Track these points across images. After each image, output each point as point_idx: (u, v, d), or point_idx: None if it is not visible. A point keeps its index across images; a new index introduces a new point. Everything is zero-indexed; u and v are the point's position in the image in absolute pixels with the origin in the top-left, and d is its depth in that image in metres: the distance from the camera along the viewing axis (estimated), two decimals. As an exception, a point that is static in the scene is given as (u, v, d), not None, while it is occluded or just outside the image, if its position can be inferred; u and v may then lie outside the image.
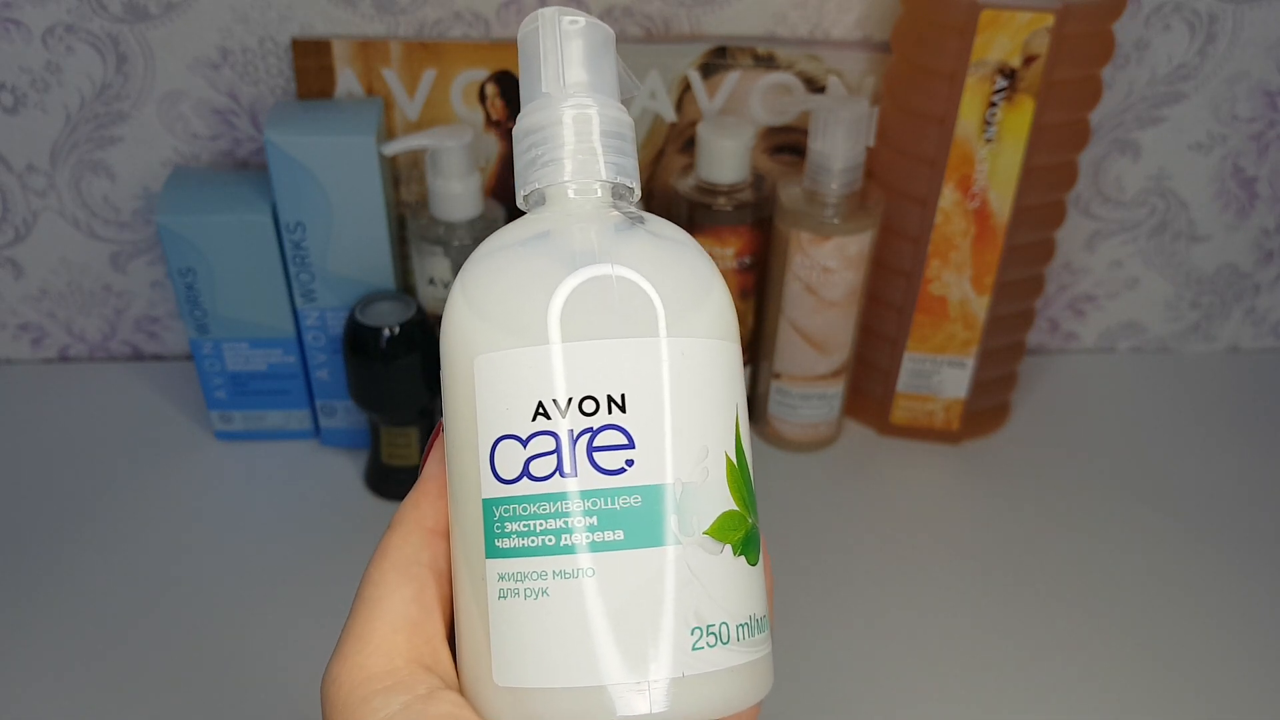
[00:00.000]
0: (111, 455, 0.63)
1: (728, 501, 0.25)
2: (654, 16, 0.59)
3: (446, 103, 0.59)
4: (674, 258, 0.26)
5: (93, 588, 0.55)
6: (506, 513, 0.25)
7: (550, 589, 0.24)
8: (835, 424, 0.64)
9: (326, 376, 0.61)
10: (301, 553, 0.57)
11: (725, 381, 0.26)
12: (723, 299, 0.27)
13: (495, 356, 0.25)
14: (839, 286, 0.58)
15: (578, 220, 0.26)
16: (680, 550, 0.24)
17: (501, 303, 0.25)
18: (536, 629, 0.24)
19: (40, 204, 0.63)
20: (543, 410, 0.24)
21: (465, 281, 0.26)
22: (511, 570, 0.25)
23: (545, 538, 0.24)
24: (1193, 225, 0.68)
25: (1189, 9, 0.60)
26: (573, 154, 0.26)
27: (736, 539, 0.25)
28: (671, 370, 0.25)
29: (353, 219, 0.56)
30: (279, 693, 0.50)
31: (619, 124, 0.27)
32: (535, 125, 0.27)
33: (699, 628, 0.24)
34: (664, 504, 0.24)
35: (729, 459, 0.25)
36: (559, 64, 0.27)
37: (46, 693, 0.50)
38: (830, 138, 0.54)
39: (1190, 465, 0.65)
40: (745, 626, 0.25)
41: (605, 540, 0.24)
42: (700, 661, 0.24)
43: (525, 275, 0.25)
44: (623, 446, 0.24)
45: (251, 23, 0.58)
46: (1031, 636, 0.54)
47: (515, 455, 0.25)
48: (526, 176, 0.27)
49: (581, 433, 0.24)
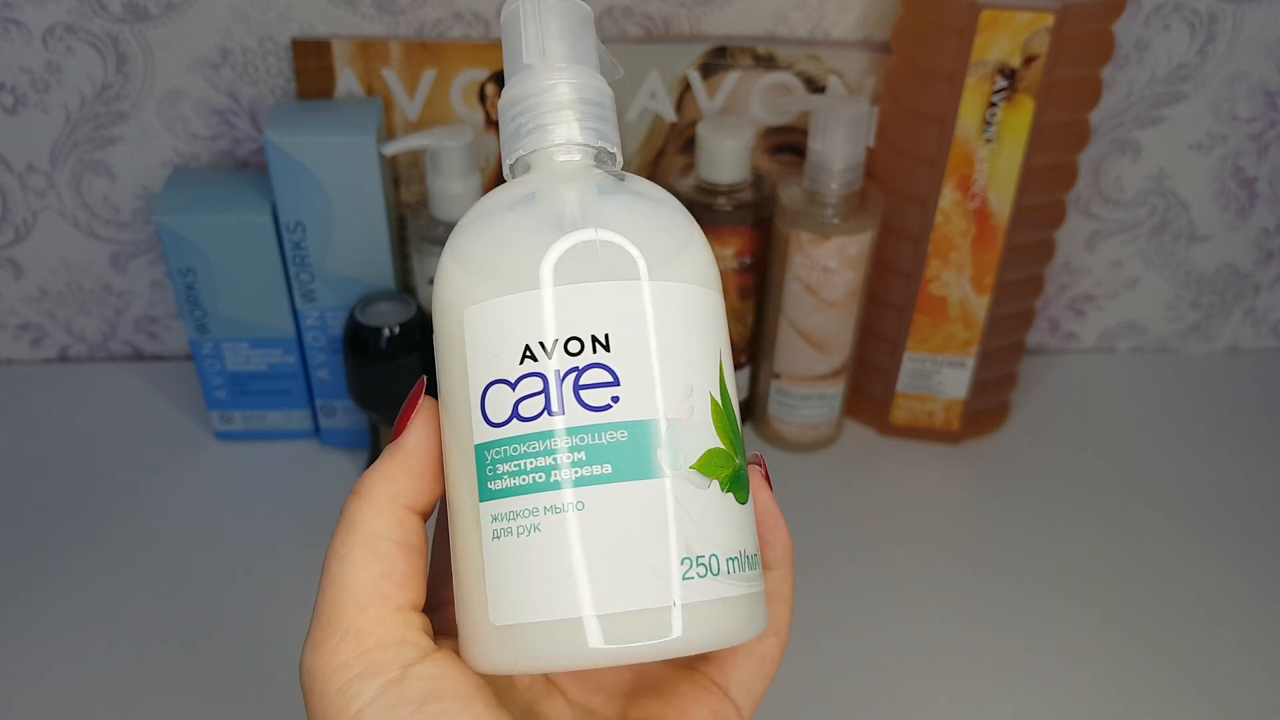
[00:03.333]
0: (111, 455, 0.63)
1: (713, 439, 0.26)
2: (654, 16, 0.59)
3: (446, 103, 0.59)
4: (654, 213, 0.27)
5: (93, 588, 0.55)
6: (498, 455, 0.25)
7: (541, 524, 0.24)
8: (835, 424, 0.64)
9: (326, 376, 0.61)
10: (301, 553, 0.57)
11: (707, 325, 0.27)
12: (702, 249, 0.28)
13: (483, 306, 0.26)
14: (839, 286, 0.58)
15: (563, 181, 0.27)
16: (668, 483, 0.25)
17: (489, 257, 0.26)
18: (529, 565, 0.25)
19: (40, 204, 0.63)
20: (529, 353, 0.25)
21: (454, 244, 0.27)
22: (504, 510, 0.25)
23: (535, 475, 0.25)
24: (1193, 225, 0.68)
25: (1189, 9, 0.60)
26: (556, 120, 0.27)
27: (723, 475, 0.26)
28: (653, 311, 0.25)
29: (353, 219, 0.56)
30: (279, 692, 0.50)
31: (599, 93, 0.28)
32: (518, 96, 0.28)
33: (689, 558, 0.25)
34: (650, 438, 0.25)
35: (713, 399, 0.26)
36: (539, 38, 0.28)
37: (46, 692, 0.50)
38: (830, 138, 0.54)
39: (1190, 465, 0.65)
40: (735, 561, 0.26)
41: (593, 474, 0.24)
42: (693, 591, 0.25)
43: (513, 233, 0.26)
44: (608, 384, 0.25)
45: (251, 23, 0.58)
46: (1031, 636, 0.54)
47: (504, 399, 0.25)
48: (512, 145, 0.28)
49: (568, 372, 0.25)
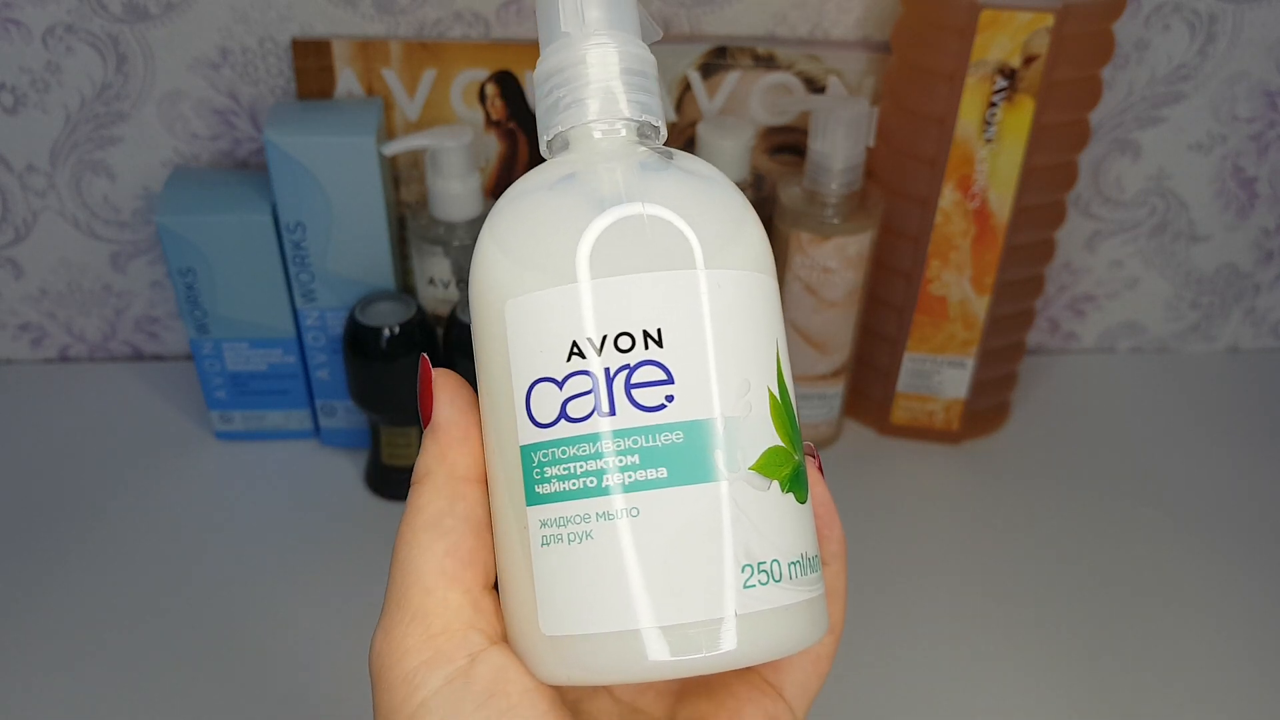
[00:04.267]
0: (111, 455, 0.63)
1: (773, 437, 0.24)
2: (654, 16, 0.59)
3: (446, 103, 0.59)
4: (705, 193, 0.26)
5: (93, 588, 0.55)
6: (545, 457, 0.24)
7: (594, 531, 0.23)
8: (835, 424, 0.64)
9: (326, 376, 0.61)
10: (302, 553, 0.57)
11: (764, 315, 0.25)
12: (756, 232, 0.26)
13: (526, 299, 0.24)
14: (839, 286, 0.58)
15: (604, 159, 0.25)
16: (726, 486, 0.23)
17: (530, 244, 0.25)
18: (582, 574, 0.23)
19: (40, 204, 0.63)
20: (577, 350, 0.24)
21: (494, 225, 0.26)
22: (553, 516, 0.24)
23: (586, 480, 0.23)
24: (1193, 225, 0.68)
25: (1189, 9, 0.60)
26: (596, 93, 0.26)
27: (784, 475, 0.24)
28: (708, 303, 0.24)
29: (353, 219, 0.56)
30: (279, 691, 0.50)
31: (642, 61, 0.26)
32: (556, 67, 0.26)
33: (750, 565, 0.23)
34: (707, 439, 0.23)
35: (771, 394, 0.24)
36: (576, 4, 0.26)
37: (46, 692, 0.50)
38: (830, 138, 0.54)
39: (1190, 465, 0.65)
40: (797, 565, 0.24)
41: (648, 479, 0.23)
42: (754, 600, 0.23)
43: (554, 216, 0.25)
44: (662, 382, 0.23)
45: (251, 23, 0.58)
46: (1031, 636, 0.54)
47: (551, 398, 0.24)
48: (549, 121, 0.26)
49: (619, 370, 0.23)
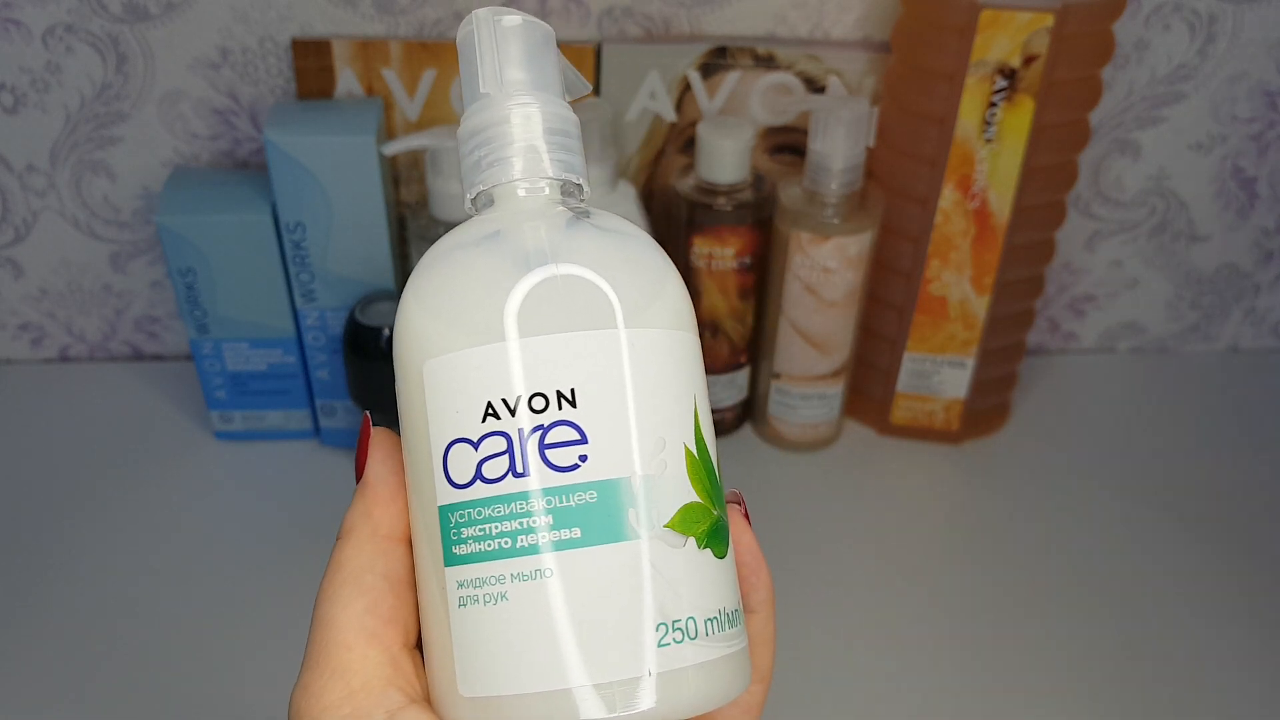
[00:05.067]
0: (111, 455, 0.63)
1: (689, 494, 0.25)
2: (654, 16, 0.59)
3: (446, 103, 0.59)
4: (625, 251, 0.26)
5: (92, 588, 0.55)
6: (462, 518, 0.24)
7: (509, 593, 0.23)
8: (835, 424, 0.64)
9: (326, 376, 0.61)
10: (302, 553, 0.57)
11: (681, 372, 0.25)
12: (676, 289, 0.26)
13: (444, 360, 0.24)
14: (839, 286, 0.58)
15: (527, 218, 0.26)
16: (641, 545, 0.24)
17: (450, 303, 0.25)
18: (497, 635, 0.24)
19: (40, 204, 0.63)
20: (492, 410, 0.24)
21: (416, 282, 0.26)
22: (470, 577, 0.24)
23: (501, 540, 0.24)
24: (1193, 225, 0.68)
25: (1189, 9, 0.60)
26: (518, 152, 0.26)
27: (700, 531, 0.25)
28: (624, 363, 0.24)
29: (353, 219, 0.56)
30: (279, 693, 0.50)
31: (563, 120, 0.27)
32: (478, 126, 0.26)
33: (664, 623, 0.24)
34: (621, 498, 0.24)
35: (688, 450, 0.25)
36: (496, 64, 0.26)
37: (45, 692, 0.50)
38: (830, 138, 0.54)
39: (1190, 465, 0.64)
40: (714, 621, 0.24)
41: (562, 539, 0.23)
42: (668, 659, 0.24)
43: (475, 276, 0.25)
44: (575, 442, 0.24)
45: (251, 23, 0.58)
46: (1031, 636, 0.54)
47: (468, 459, 0.24)
48: (473, 179, 0.27)
49: (533, 430, 0.24)
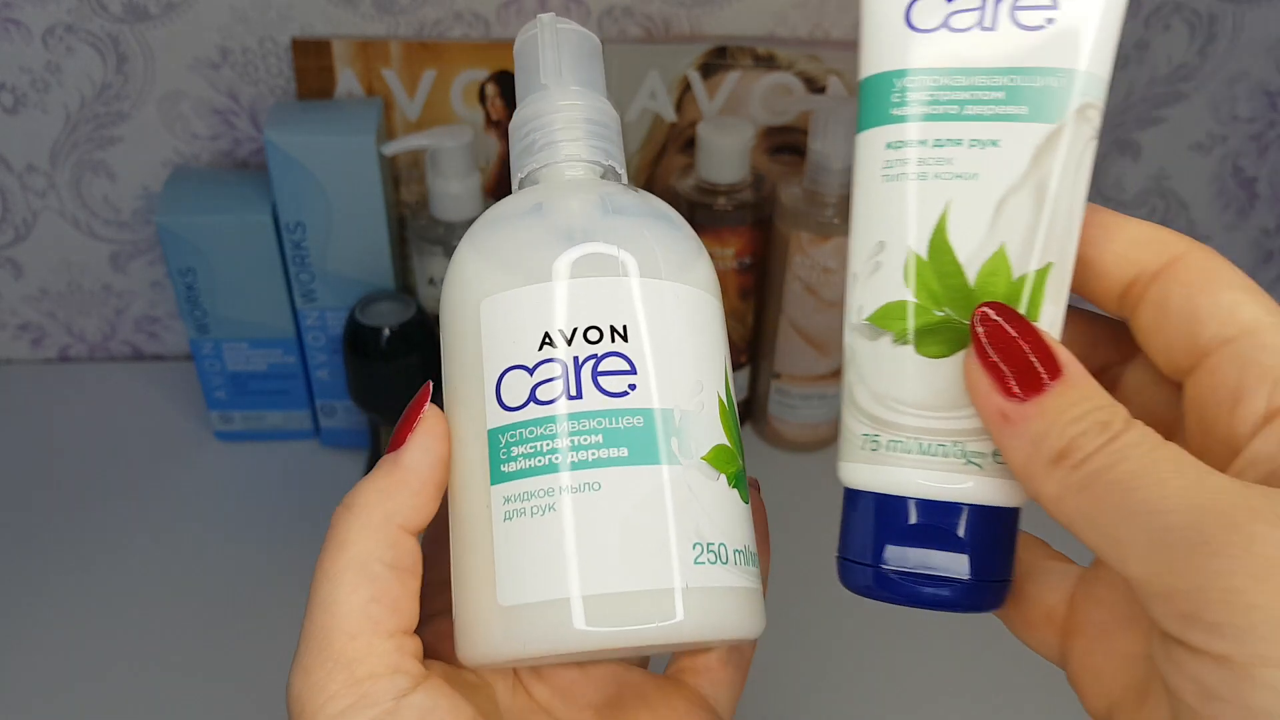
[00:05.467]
0: (111, 455, 0.63)
1: (721, 435, 0.26)
2: (654, 16, 0.59)
3: (446, 103, 0.59)
4: (669, 221, 0.28)
5: (92, 588, 0.55)
6: (512, 438, 0.25)
7: (558, 504, 0.25)
8: (835, 424, 0.64)
9: (326, 376, 0.61)
10: (302, 553, 0.57)
11: (715, 331, 0.28)
12: (709, 262, 0.29)
13: (501, 296, 0.26)
14: (839, 286, 0.58)
15: (574, 190, 0.28)
16: (681, 470, 0.25)
17: (508, 251, 0.27)
18: (543, 544, 0.25)
19: (40, 204, 0.63)
20: (549, 340, 0.26)
21: (473, 238, 0.28)
22: (518, 491, 0.25)
23: (552, 456, 0.25)
24: (1193, 225, 0.68)
25: (1189, 9, 0.60)
26: (566, 139, 0.28)
27: (730, 472, 0.26)
28: (669, 308, 0.26)
29: (353, 219, 0.56)
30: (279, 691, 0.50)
31: (609, 115, 0.29)
32: (530, 115, 0.29)
33: (700, 543, 0.25)
34: (665, 426, 0.25)
35: (720, 399, 0.27)
36: (555, 62, 0.29)
37: (45, 692, 0.50)
38: (830, 138, 0.54)
39: (1190, 465, 0.64)
40: (740, 553, 0.26)
41: (611, 457, 0.25)
42: (703, 576, 0.25)
43: (529, 233, 0.27)
44: (625, 372, 0.25)
45: (251, 23, 0.58)
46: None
47: (522, 383, 0.25)
48: (522, 161, 0.29)
49: (587, 359, 0.25)
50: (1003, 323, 0.23)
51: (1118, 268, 0.24)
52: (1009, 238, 0.24)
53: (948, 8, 0.24)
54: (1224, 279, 0.23)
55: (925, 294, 0.25)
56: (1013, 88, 0.24)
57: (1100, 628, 0.25)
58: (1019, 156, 0.24)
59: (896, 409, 0.25)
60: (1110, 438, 0.21)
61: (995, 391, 0.23)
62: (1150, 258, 0.24)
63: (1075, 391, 0.22)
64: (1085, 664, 0.25)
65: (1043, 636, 0.27)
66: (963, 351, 0.24)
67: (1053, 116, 0.24)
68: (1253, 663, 0.18)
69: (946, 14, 0.24)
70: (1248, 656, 0.18)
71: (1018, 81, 0.24)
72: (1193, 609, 0.19)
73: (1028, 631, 0.27)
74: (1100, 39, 0.24)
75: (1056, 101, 0.24)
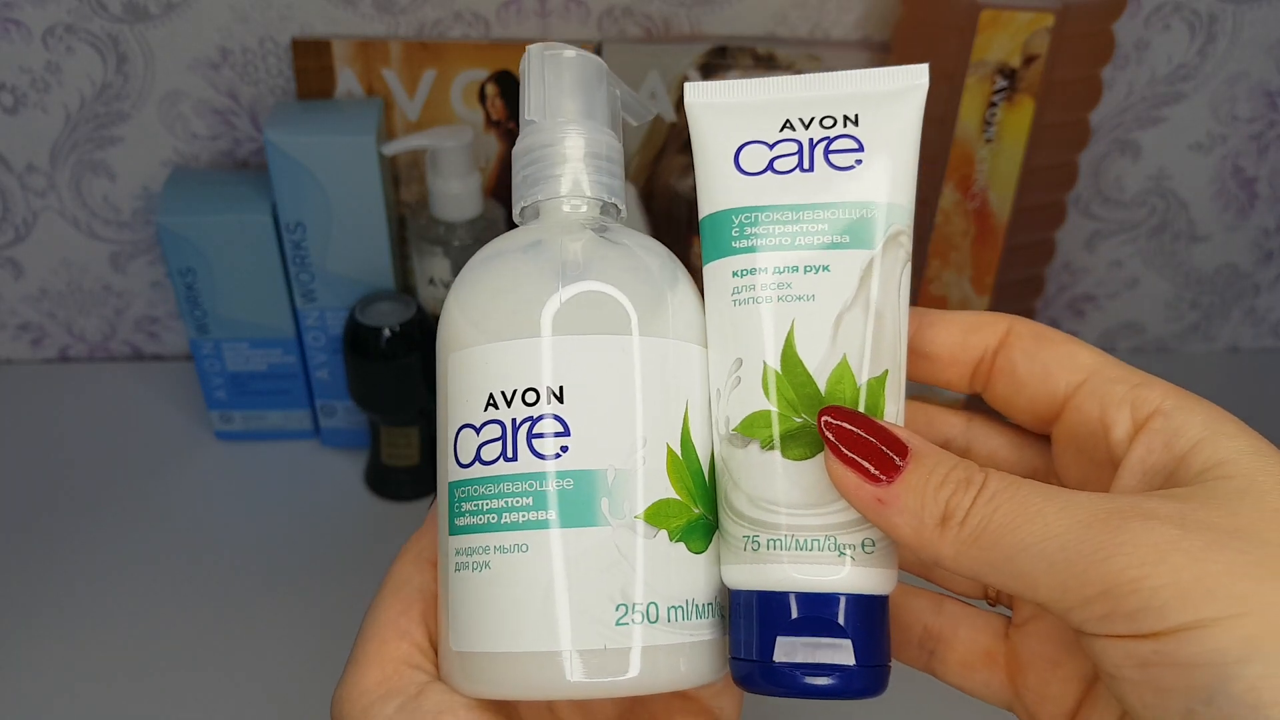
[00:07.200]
0: (111, 455, 0.63)
1: (666, 490, 0.27)
2: (654, 16, 0.59)
3: (446, 103, 0.59)
4: (637, 275, 0.28)
5: (93, 588, 0.55)
6: (462, 494, 0.27)
7: (491, 562, 0.26)
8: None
9: (326, 376, 0.61)
10: (302, 553, 0.57)
11: (674, 379, 0.28)
12: (686, 301, 0.29)
13: (464, 353, 0.28)
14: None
15: (564, 232, 0.28)
16: (609, 532, 0.26)
17: (477, 303, 0.28)
18: (480, 599, 0.27)
19: (40, 204, 0.63)
20: (493, 400, 0.27)
21: (458, 286, 0.29)
22: (464, 545, 0.27)
23: (489, 515, 0.26)
24: (1193, 225, 0.68)
25: (1189, 9, 0.60)
26: (564, 173, 0.29)
27: (674, 526, 0.27)
28: (614, 365, 0.27)
29: (353, 219, 0.56)
30: (279, 692, 0.50)
31: (608, 148, 0.29)
32: (529, 147, 0.29)
33: (624, 604, 0.26)
34: (595, 488, 0.26)
35: (671, 450, 0.27)
36: (543, 95, 0.29)
37: (45, 692, 0.50)
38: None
39: (1190, 465, 0.64)
40: (679, 609, 0.26)
41: (538, 519, 0.26)
42: (623, 636, 0.26)
43: (507, 280, 0.28)
44: (559, 434, 0.26)
45: (251, 23, 0.58)
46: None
47: (471, 442, 0.27)
48: (521, 192, 0.29)
49: (523, 421, 0.26)
50: (844, 424, 0.26)
51: (964, 354, 0.28)
52: (849, 349, 0.27)
53: (770, 153, 0.28)
54: (1052, 337, 0.27)
55: (784, 403, 0.27)
56: (834, 220, 0.27)
57: (1048, 659, 0.28)
58: (848, 279, 0.27)
59: (771, 510, 0.27)
60: (978, 490, 0.24)
61: (863, 483, 0.25)
62: (985, 338, 0.28)
63: (929, 460, 0.25)
64: (1043, 694, 0.28)
65: (986, 678, 0.29)
66: (824, 452, 0.26)
67: (871, 243, 0.27)
68: (1176, 630, 0.21)
69: (769, 159, 0.28)
70: (1169, 626, 0.21)
71: (838, 215, 0.27)
72: (1108, 608, 0.22)
73: (967, 675, 0.30)
74: (900, 174, 0.27)
75: (871, 230, 0.27)
